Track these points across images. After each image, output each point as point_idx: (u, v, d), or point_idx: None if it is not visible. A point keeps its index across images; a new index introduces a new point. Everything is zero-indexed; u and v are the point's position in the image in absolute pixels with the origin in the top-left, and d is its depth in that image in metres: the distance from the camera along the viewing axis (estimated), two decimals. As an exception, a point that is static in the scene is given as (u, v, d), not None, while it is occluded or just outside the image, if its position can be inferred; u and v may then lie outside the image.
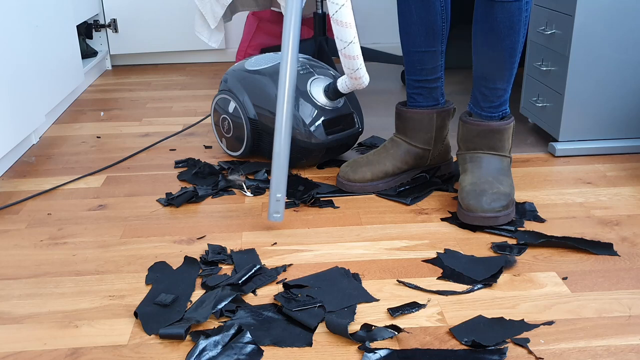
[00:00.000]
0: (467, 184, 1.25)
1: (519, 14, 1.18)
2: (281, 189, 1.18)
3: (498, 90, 1.26)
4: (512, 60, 1.23)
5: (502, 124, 1.26)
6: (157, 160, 1.62)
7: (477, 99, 1.29)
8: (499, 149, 1.28)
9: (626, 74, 1.51)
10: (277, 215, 1.18)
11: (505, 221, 1.21)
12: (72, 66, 2.12)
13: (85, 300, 1.01)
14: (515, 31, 1.20)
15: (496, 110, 1.28)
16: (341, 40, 1.18)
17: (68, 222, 1.29)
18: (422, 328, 0.92)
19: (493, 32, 1.20)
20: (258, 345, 0.89)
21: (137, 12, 2.64)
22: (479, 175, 1.26)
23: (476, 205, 1.20)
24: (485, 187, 1.23)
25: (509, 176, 1.28)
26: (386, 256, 1.13)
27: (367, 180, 1.37)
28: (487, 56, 1.24)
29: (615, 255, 1.11)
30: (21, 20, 1.67)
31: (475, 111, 1.30)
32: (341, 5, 1.11)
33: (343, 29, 1.14)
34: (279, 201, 1.18)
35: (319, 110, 1.45)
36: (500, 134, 1.27)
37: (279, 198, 1.17)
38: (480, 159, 1.28)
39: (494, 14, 1.19)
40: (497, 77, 1.25)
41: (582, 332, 0.91)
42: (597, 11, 1.45)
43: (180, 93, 2.29)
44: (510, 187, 1.25)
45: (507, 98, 1.29)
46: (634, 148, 1.57)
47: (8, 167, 1.58)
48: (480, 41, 1.24)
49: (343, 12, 1.11)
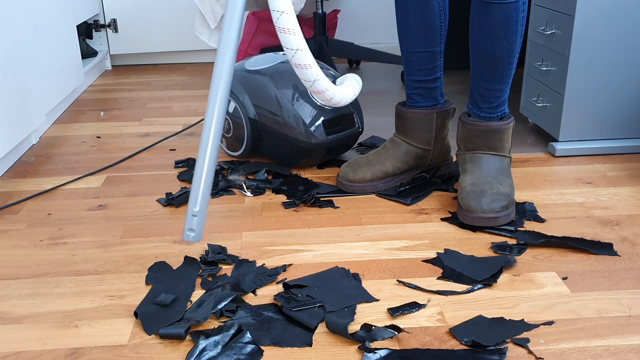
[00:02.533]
0: (467, 185, 1.25)
1: (516, 15, 1.18)
2: (199, 203, 1.01)
3: (496, 91, 1.26)
4: (510, 61, 1.23)
5: (502, 124, 1.26)
6: (157, 160, 1.62)
7: (475, 99, 1.29)
8: (499, 149, 1.28)
9: (626, 74, 1.51)
10: (191, 234, 1.00)
11: (506, 221, 1.21)
12: (72, 66, 2.12)
13: (85, 300, 1.01)
14: (512, 32, 1.19)
15: (495, 111, 1.28)
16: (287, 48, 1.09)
17: (68, 222, 1.29)
18: (422, 328, 0.93)
19: (490, 34, 1.20)
20: (258, 345, 0.89)
21: (137, 12, 2.64)
22: (478, 176, 1.26)
23: (476, 206, 1.20)
24: (485, 188, 1.23)
25: (508, 176, 1.28)
26: (386, 256, 1.13)
27: (367, 181, 1.37)
28: (485, 57, 1.23)
29: (615, 255, 1.11)
30: (21, 21, 1.67)
31: (474, 112, 1.30)
32: (281, 12, 1.07)
33: (286, 35, 1.08)
34: (195, 216, 1.00)
35: (319, 110, 1.45)
36: (500, 134, 1.27)
37: (196, 213, 1.00)
38: (480, 159, 1.28)
39: (490, 15, 1.18)
40: (495, 78, 1.24)
41: (582, 332, 0.91)
42: (597, 11, 1.45)
43: (180, 93, 2.29)
44: (510, 187, 1.25)
45: (506, 98, 1.29)
46: (634, 148, 1.57)
47: (8, 167, 1.58)
48: (478, 42, 1.23)
49: (284, 19, 1.07)
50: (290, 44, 1.07)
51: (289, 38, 1.07)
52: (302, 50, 1.08)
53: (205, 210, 1.01)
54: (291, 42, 1.07)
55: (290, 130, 1.44)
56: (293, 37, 1.07)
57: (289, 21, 1.06)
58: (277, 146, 1.49)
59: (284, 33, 1.07)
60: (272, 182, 1.44)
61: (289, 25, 1.07)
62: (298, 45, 1.08)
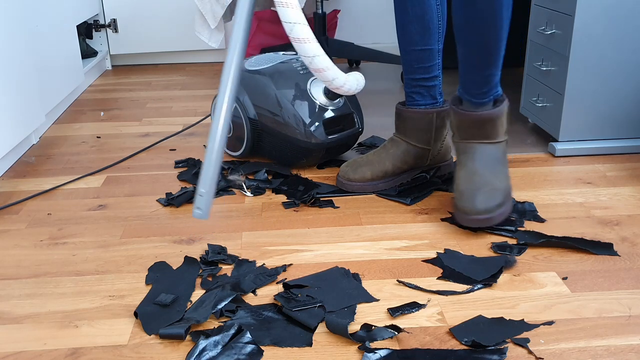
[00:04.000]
0: (461, 182, 1.22)
1: (500, 2, 1.13)
2: (207, 185, 1.08)
3: (488, 76, 1.21)
4: (499, 45, 1.18)
5: (494, 112, 1.22)
6: (157, 160, 1.62)
7: (466, 85, 1.24)
8: (493, 136, 1.24)
9: (626, 74, 1.51)
10: (198, 212, 1.08)
11: (501, 219, 1.19)
12: (72, 66, 2.12)
13: (85, 300, 1.01)
14: (498, 18, 1.14)
15: (487, 95, 1.23)
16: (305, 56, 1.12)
17: (68, 222, 1.29)
18: (422, 328, 0.93)
19: (476, 22, 1.15)
20: (258, 345, 0.89)
21: (137, 12, 2.64)
22: (472, 169, 1.22)
23: (470, 206, 1.18)
24: (479, 185, 1.20)
25: (504, 164, 1.24)
26: (386, 256, 1.13)
27: (367, 180, 1.38)
28: (473, 43, 1.19)
29: (615, 255, 1.11)
30: (21, 21, 1.67)
31: (466, 97, 1.25)
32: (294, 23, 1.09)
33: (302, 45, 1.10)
34: (202, 196, 1.08)
35: (319, 110, 1.45)
36: (493, 121, 1.22)
37: (202, 193, 1.08)
38: (474, 149, 1.24)
39: (475, 4, 1.13)
40: (485, 63, 1.20)
41: (582, 332, 0.91)
42: (597, 11, 1.45)
43: (180, 93, 2.29)
44: (506, 178, 1.22)
45: (498, 80, 1.24)
46: (634, 148, 1.57)
47: (8, 167, 1.58)
48: (464, 28, 1.18)
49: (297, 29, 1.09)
50: (307, 52, 1.10)
51: (305, 47, 1.10)
52: (319, 56, 1.11)
53: (213, 191, 1.07)
54: (307, 50, 1.10)
55: (290, 130, 1.44)
56: (309, 46, 1.09)
57: (302, 31, 1.08)
58: (277, 146, 1.49)
59: (299, 43, 1.09)
60: (272, 182, 1.44)
61: (303, 35, 1.09)
62: (314, 52, 1.10)
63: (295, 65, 1.51)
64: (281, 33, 2.51)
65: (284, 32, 2.50)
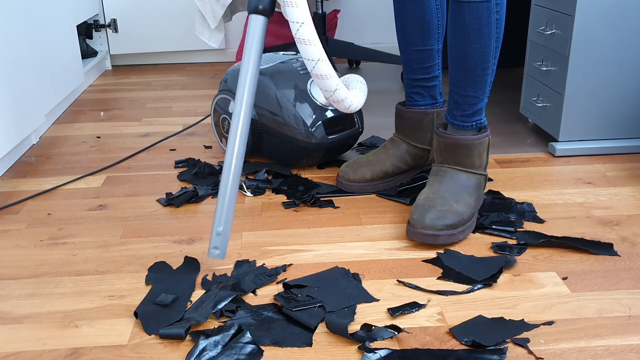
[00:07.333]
0: (420, 198, 1.20)
1: (488, 16, 1.12)
2: (223, 222, 1.03)
3: (470, 97, 1.19)
4: (484, 66, 1.16)
5: (471, 138, 1.19)
6: (157, 160, 1.62)
7: (451, 106, 1.23)
8: (467, 165, 1.21)
9: (626, 74, 1.51)
10: (215, 252, 1.03)
11: (448, 242, 1.14)
12: (72, 66, 2.12)
13: (85, 300, 1.01)
14: (483, 34, 1.13)
15: (469, 120, 1.21)
16: (307, 59, 1.10)
17: (68, 222, 1.29)
18: (422, 328, 0.93)
19: (462, 34, 1.15)
20: (258, 345, 0.89)
21: (137, 12, 2.64)
22: (436, 190, 1.19)
23: (418, 220, 1.14)
24: (436, 203, 1.16)
25: (471, 195, 1.20)
26: (386, 256, 1.13)
27: (367, 180, 1.38)
28: (457, 59, 1.18)
29: (615, 255, 1.11)
30: (21, 20, 1.67)
31: (449, 120, 1.23)
32: (301, 23, 1.08)
33: (307, 47, 1.09)
34: (219, 235, 1.03)
35: (319, 110, 1.45)
36: (468, 149, 1.19)
37: (220, 232, 1.03)
38: (444, 173, 1.22)
39: (462, 14, 1.13)
40: (468, 83, 1.18)
41: (582, 332, 0.91)
42: (597, 11, 1.45)
43: (180, 93, 2.29)
44: (468, 206, 1.18)
45: (482, 108, 1.21)
46: (634, 148, 1.57)
47: (8, 167, 1.58)
48: (451, 43, 1.18)
49: (304, 30, 1.08)
50: (310, 55, 1.09)
51: (309, 49, 1.09)
52: (323, 60, 1.10)
53: (229, 228, 1.04)
54: (311, 53, 1.09)
55: (291, 130, 1.44)
56: (313, 49, 1.09)
57: (308, 32, 1.08)
58: (277, 146, 1.49)
59: (304, 44, 1.08)
60: (272, 182, 1.44)
61: (308, 37, 1.08)
62: (318, 56, 1.10)
63: (295, 65, 1.51)
64: (281, 33, 2.51)
65: (284, 33, 2.50)
